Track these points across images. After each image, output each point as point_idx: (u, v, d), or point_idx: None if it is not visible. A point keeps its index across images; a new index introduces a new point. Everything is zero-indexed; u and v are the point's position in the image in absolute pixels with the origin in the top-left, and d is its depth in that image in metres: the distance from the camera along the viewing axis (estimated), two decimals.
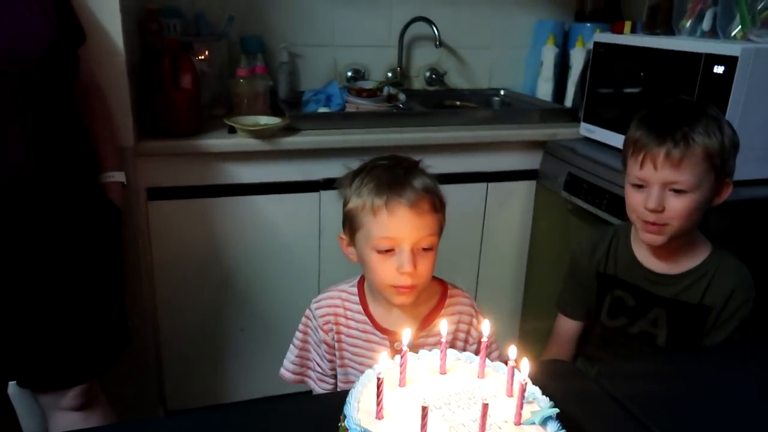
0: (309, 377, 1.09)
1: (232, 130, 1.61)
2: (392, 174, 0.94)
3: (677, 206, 1.04)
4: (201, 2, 1.91)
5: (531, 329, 1.96)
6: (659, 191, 1.04)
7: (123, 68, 1.42)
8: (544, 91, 2.16)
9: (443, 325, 0.76)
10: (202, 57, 1.78)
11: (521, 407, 0.65)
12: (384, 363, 0.66)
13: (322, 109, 1.83)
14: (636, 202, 1.08)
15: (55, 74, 1.09)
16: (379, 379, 0.64)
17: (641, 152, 1.05)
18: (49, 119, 1.08)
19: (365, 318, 1.03)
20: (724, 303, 1.09)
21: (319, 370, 1.07)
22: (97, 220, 1.21)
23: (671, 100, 1.12)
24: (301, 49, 2.05)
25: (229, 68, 1.82)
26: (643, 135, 1.05)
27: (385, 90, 1.97)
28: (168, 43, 1.58)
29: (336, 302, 1.05)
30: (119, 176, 1.30)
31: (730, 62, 1.33)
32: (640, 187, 1.07)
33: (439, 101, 2.16)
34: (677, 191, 1.04)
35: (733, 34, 1.43)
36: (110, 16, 1.37)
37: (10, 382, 1.20)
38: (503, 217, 1.91)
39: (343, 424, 0.65)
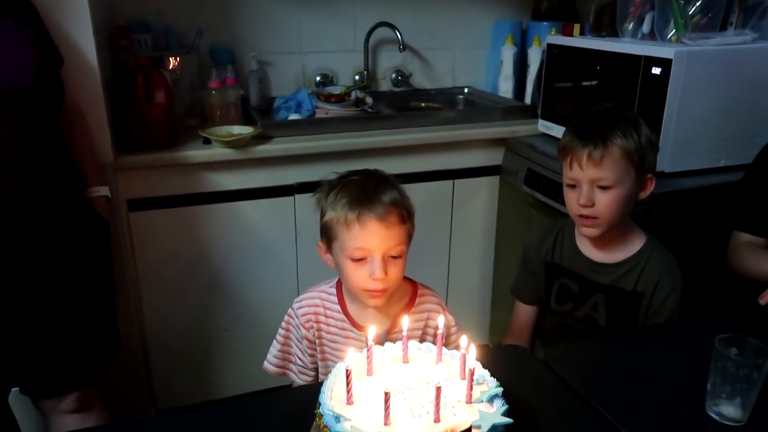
0: (290, 370, 1.18)
1: (207, 141, 1.68)
2: (363, 189, 1.04)
3: (605, 200, 1.17)
4: (169, 16, 1.96)
5: (501, 318, 2.06)
6: (588, 189, 1.18)
7: (99, 88, 1.49)
8: (506, 88, 2.26)
9: (404, 320, 0.87)
10: (173, 69, 1.84)
11: (471, 388, 0.76)
12: (352, 356, 0.76)
13: (292, 116, 1.91)
14: (571, 200, 1.22)
15: (43, 100, 1.15)
16: (347, 370, 0.74)
17: (569, 155, 1.19)
18: (39, 144, 1.14)
19: (343, 316, 1.13)
20: (652, 290, 1.23)
21: (300, 363, 1.16)
22: (87, 234, 1.28)
23: (595, 108, 1.26)
24: (270, 57, 2.12)
25: (200, 79, 1.89)
26: (570, 140, 1.20)
27: (353, 94, 2.05)
28: (140, 60, 1.64)
29: (316, 302, 1.14)
30: (104, 191, 1.37)
31: (665, 64, 1.45)
32: (573, 186, 1.21)
33: (405, 102, 2.25)
34: (603, 187, 1.18)
35: (669, 36, 1.54)
36: (84, 37, 1.43)
37: (12, 389, 1.28)
38: (470, 212, 2.02)
39: (318, 411, 0.74)
